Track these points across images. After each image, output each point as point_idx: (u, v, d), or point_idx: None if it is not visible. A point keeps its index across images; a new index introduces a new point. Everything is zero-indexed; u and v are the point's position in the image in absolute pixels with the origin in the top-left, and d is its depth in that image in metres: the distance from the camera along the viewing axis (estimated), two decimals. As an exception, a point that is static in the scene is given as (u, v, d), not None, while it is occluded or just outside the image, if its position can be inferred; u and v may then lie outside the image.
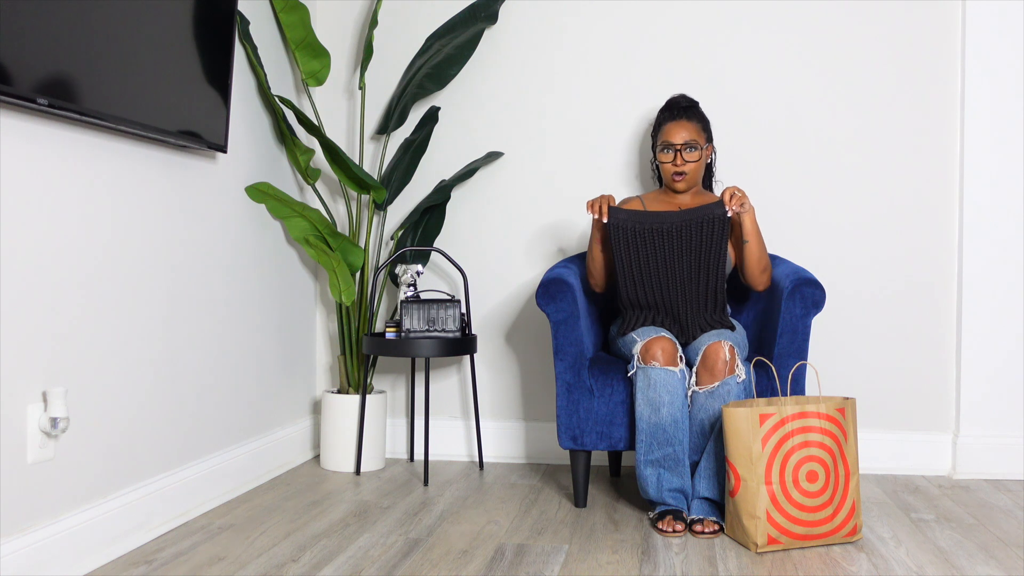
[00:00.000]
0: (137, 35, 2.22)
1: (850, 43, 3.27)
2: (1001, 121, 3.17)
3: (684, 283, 2.69)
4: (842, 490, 2.37)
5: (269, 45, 3.18)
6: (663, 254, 2.69)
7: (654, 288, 2.70)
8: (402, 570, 2.18)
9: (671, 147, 2.83)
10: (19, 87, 1.84)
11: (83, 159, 2.16)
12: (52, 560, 2.04)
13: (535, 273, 3.45)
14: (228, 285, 2.86)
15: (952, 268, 3.26)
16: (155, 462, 2.47)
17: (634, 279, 2.70)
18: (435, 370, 3.50)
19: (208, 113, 2.57)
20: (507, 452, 3.44)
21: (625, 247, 2.69)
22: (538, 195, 3.43)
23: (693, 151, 2.83)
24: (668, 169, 2.85)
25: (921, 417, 3.27)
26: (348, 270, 3.16)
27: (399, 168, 3.33)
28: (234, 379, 2.90)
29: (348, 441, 3.21)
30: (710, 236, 2.66)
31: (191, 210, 2.64)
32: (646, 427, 2.56)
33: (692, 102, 2.92)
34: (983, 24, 3.16)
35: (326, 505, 2.77)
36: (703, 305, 2.69)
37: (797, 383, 2.66)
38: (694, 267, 2.68)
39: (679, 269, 2.68)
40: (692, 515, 2.53)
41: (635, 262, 2.70)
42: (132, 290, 2.36)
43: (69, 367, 2.12)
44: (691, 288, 2.68)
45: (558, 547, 2.38)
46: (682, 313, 2.70)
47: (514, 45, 3.44)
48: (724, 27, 3.32)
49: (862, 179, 3.28)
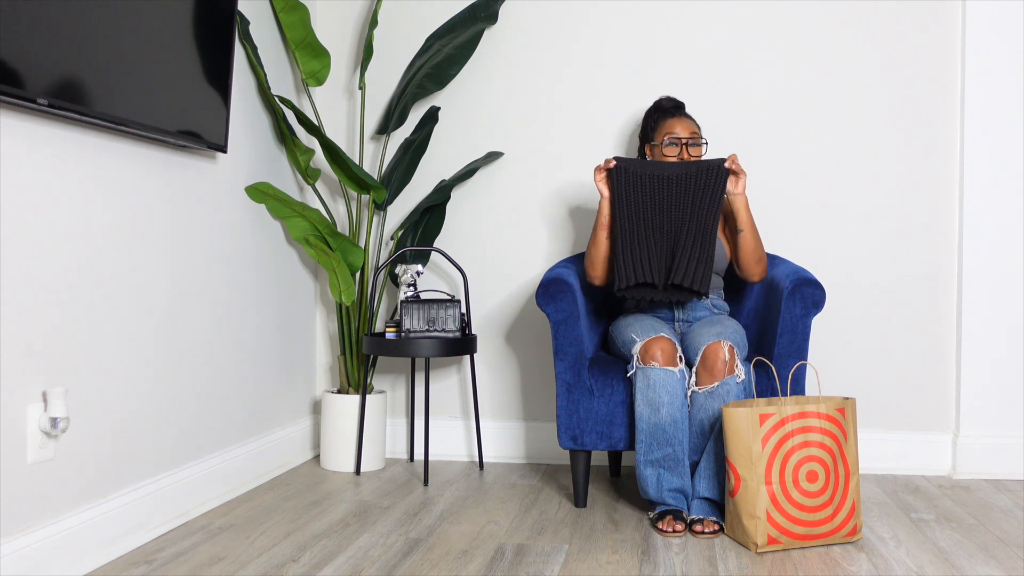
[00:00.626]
0: (137, 35, 2.22)
1: (852, 41, 3.27)
2: (1001, 121, 3.17)
3: (678, 230, 2.68)
4: (842, 490, 2.37)
5: (269, 45, 3.18)
6: (661, 200, 2.70)
7: (651, 234, 2.69)
8: (402, 570, 2.19)
9: (677, 141, 2.83)
10: (19, 87, 1.84)
11: (83, 159, 2.16)
12: (52, 560, 2.04)
13: (535, 273, 3.45)
14: (228, 285, 2.86)
15: (952, 268, 3.26)
16: (155, 462, 2.47)
17: (632, 222, 2.70)
18: (435, 370, 3.50)
19: (208, 113, 2.57)
20: (507, 452, 3.44)
21: (627, 190, 2.70)
22: (538, 195, 3.43)
23: (697, 146, 2.84)
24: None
25: (921, 417, 3.27)
26: (348, 270, 3.16)
27: (399, 168, 3.33)
28: (234, 379, 2.90)
29: (348, 441, 3.21)
30: (707, 185, 2.68)
31: (191, 210, 2.64)
32: (646, 427, 2.56)
33: (680, 102, 2.95)
34: (983, 21, 3.16)
35: (326, 505, 2.77)
36: (694, 257, 2.65)
37: (797, 383, 2.66)
38: (689, 215, 2.68)
39: (676, 216, 2.69)
40: (692, 515, 2.53)
41: (634, 206, 2.70)
42: (132, 290, 2.36)
43: (69, 367, 2.12)
44: (685, 237, 2.67)
45: (558, 547, 2.38)
46: (674, 262, 2.68)
47: (514, 45, 3.44)
48: (724, 25, 3.32)
49: (862, 179, 3.28)
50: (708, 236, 2.65)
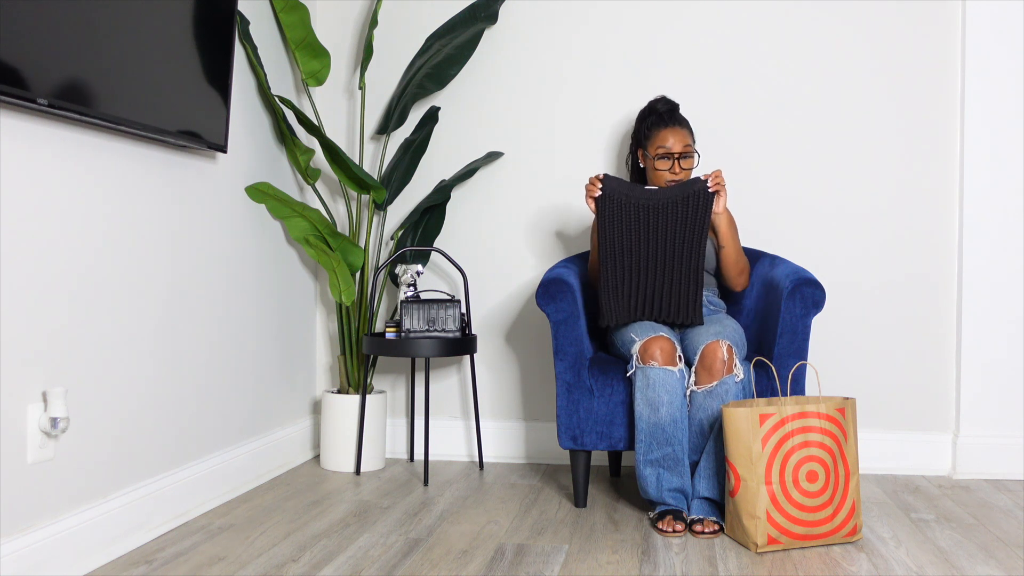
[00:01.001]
0: (137, 35, 2.22)
1: (852, 41, 3.27)
2: (1001, 121, 3.17)
3: (666, 264, 2.70)
4: (842, 490, 2.37)
5: (269, 45, 3.18)
6: (647, 229, 2.71)
7: (637, 269, 2.71)
8: (402, 570, 2.19)
9: (669, 155, 2.83)
10: (20, 87, 1.84)
11: (83, 159, 2.16)
12: (52, 560, 2.04)
13: (535, 273, 3.45)
14: (228, 285, 2.86)
15: (952, 268, 3.26)
16: (155, 462, 2.47)
17: (617, 257, 2.70)
18: (435, 370, 3.50)
19: (208, 113, 2.57)
20: (507, 452, 3.44)
21: (612, 219, 2.71)
22: (538, 195, 3.43)
23: (689, 159, 2.84)
24: (664, 177, 2.84)
25: (921, 417, 3.27)
26: (348, 270, 3.16)
27: (399, 168, 3.33)
28: (234, 379, 2.90)
29: (348, 441, 3.21)
30: (694, 212, 2.69)
31: (191, 210, 2.64)
32: (645, 427, 2.56)
33: (675, 104, 2.93)
34: (983, 21, 3.16)
35: (326, 505, 2.77)
36: (684, 293, 2.69)
37: (797, 383, 2.66)
38: (677, 247, 2.69)
39: (663, 248, 2.70)
40: (692, 515, 2.53)
41: (621, 236, 2.70)
42: (132, 290, 2.36)
43: (69, 367, 2.12)
44: (674, 274, 2.69)
45: (558, 547, 2.38)
46: (663, 300, 2.71)
47: (514, 45, 3.44)
48: (724, 25, 3.32)
49: (862, 179, 3.28)
50: (697, 272, 2.69)
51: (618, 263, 2.71)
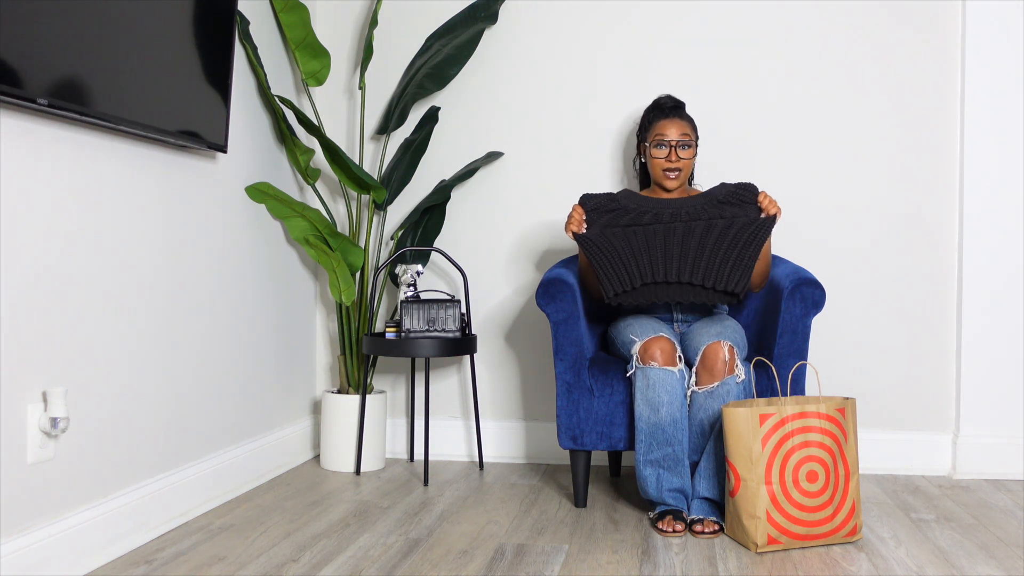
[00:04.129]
0: (137, 35, 2.22)
1: (852, 40, 3.27)
2: (1001, 120, 3.17)
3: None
4: (842, 490, 2.37)
5: (269, 45, 3.18)
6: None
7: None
8: (402, 570, 2.18)
9: (665, 143, 2.82)
10: (19, 87, 1.84)
11: (83, 159, 2.16)
12: (52, 560, 2.04)
13: (535, 273, 3.45)
14: (228, 285, 2.86)
15: (952, 268, 3.26)
16: (155, 462, 2.47)
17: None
18: (435, 370, 3.50)
19: (208, 113, 2.57)
20: (507, 452, 3.44)
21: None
22: (538, 195, 3.43)
23: (687, 148, 2.82)
24: (660, 165, 2.82)
25: (921, 417, 3.27)
26: (348, 270, 3.16)
27: (399, 168, 3.33)
28: (234, 379, 2.90)
29: (348, 441, 3.21)
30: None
31: (191, 210, 2.64)
32: (645, 427, 2.56)
33: (680, 102, 2.92)
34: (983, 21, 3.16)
35: (326, 505, 2.77)
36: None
37: (797, 383, 2.66)
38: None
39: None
40: (692, 515, 2.53)
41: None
42: (132, 290, 2.36)
43: (69, 367, 2.12)
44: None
45: (558, 547, 2.38)
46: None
47: (514, 45, 3.44)
48: (724, 25, 3.32)
49: (862, 179, 3.28)
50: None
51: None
